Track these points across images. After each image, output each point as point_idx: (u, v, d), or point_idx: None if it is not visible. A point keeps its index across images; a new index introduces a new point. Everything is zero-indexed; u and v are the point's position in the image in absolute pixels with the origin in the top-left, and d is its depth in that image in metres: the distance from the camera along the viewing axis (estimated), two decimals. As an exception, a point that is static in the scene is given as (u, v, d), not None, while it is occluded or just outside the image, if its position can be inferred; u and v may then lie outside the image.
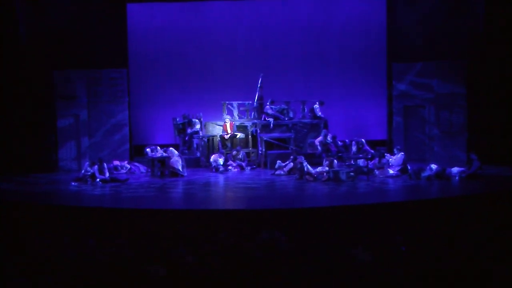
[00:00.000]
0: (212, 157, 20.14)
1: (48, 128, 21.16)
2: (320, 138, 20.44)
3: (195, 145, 21.67)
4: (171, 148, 19.16)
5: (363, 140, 19.85)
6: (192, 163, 20.85)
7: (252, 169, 20.38)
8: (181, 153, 20.16)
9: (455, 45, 20.90)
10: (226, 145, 21.12)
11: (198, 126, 21.60)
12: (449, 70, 20.89)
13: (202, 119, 21.84)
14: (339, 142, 20.50)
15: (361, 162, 17.94)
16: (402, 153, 18.00)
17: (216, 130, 21.72)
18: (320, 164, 18.03)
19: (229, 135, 21.04)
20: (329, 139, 20.34)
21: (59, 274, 8.29)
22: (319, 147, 20.26)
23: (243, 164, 20.35)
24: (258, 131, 21.25)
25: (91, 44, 21.41)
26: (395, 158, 17.87)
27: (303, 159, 17.68)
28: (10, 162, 19.85)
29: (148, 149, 19.49)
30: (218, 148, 21.11)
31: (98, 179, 17.45)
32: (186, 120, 21.75)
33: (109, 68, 21.63)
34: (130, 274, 8.07)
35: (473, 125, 20.70)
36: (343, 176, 16.69)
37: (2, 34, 20.04)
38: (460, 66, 20.83)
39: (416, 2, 21.76)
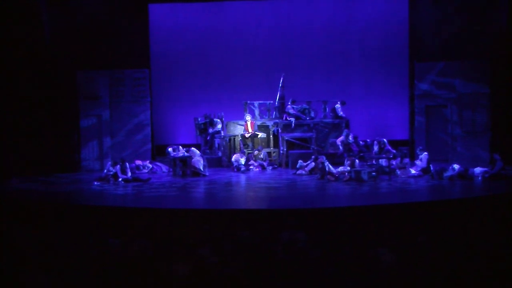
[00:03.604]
0: (234, 157, 20.19)
1: (71, 128, 21.33)
2: (341, 138, 20.41)
3: (216, 145, 21.72)
4: (193, 148, 19.21)
5: (385, 140, 19.75)
6: (213, 162, 20.90)
7: (273, 168, 20.38)
8: (203, 153, 20.21)
9: (478, 45, 20.75)
10: (248, 145, 21.14)
11: (219, 126, 21.65)
12: (472, 70, 20.73)
13: (223, 118, 21.89)
14: (361, 142, 20.48)
15: (383, 162, 17.88)
16: (426, 153, 17.88)
17: (237, 129, 21.75)
18: (342, 164, 17.98)
19: (249, 134, 21.05)
20: (350, 138, 20.31)
21: (83, 273, 8.36)
22: (340, 147, 20.24)
23: (265, 163, 20.35)
24: (280, 131, 21.25)
25: (114, 44, 21.58)
26: (421, 159, 17.75)
27: (324, 159, 17.64)
28: (34, 162, 20.01)
29: (170, 149, 19.55)
30: (240, 148, 21.13)
31: (120, 179, 17.55)
32: (207, 120, 21.82)
33: (131, 68, 21.74)
34: (153, 273, 8.12)
35: (497, 125, 20.54)
36: (364, 176, 16.62)
37: (27, 35, 20.22)
38: (483, 66, 20.66)
39: (439, 2, 21.63)
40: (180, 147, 19.61)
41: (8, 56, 19.81)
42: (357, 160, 17.76)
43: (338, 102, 21.67)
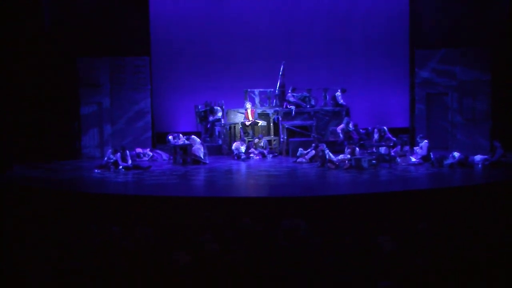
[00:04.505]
0: (234, 145, 20.20)
1: (71, 115, 21.33)
2: (342, 126, 20.42)
3: (217, 133, 21.73)
4: (193, 136, 19.21)
5: (385, 127, 19.76)
6: (214, 150, 20.92)
7: (273, 156, 20.40)
8: (203, 141, 20.21)
9: (479, 32, 20.73)
10: (248, 133, 21.15)
11: (220, 114, 21.65)
12: (473, 57, 20.72)
13: (224, 106, 21.88)
14: (361, 130, 20.49)
15: (383, 149, 17.90)
16: (426, 140, 17.89)
17: (238, 117, 21.74)
18: (342, 151, 17.99)
19: (250, 122, 21.05)
20: (351, 126, 20.32)
21: (83, 260, 8.38)
22: (341, 135, 20.25)
23: (265, 151, 20.37)
24: (280, 119, 21.25)
25: (114, 31, 21.53)
26: (421, 147, 17.76)
27: (325, 146, 17.66)
28: (35, 149, 20.02)
29: (170, 137, 19.56)
30: (240, 136, 21.14)
31: (120, 166, 17.56)
32: (208, 108, 21.82)
33: (132, 55, 21.70)
34: (154, 261, 8.14)
35: (497, 112, 20.54)
36: (365, 164, 16.64)
37: (27, 22, 20.18)
38: (484, 53, 20.65)
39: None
40: (181, 135, 19.62)
41: (7, 43, 19.78)
42: (357, 148, 17.77)
43: (339, 90, 21.66)
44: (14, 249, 9.20)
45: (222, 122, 21.60)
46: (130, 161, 17.91)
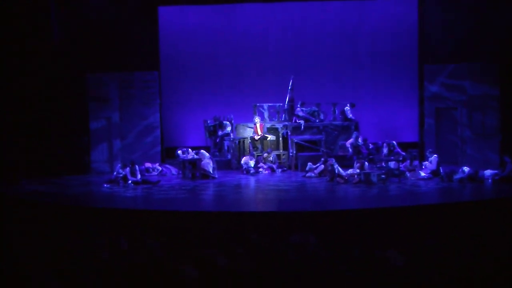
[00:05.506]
0: (243, 159, 20.19)
1: (81, 130, 21.37)
2: (351, 140, 20.38)
3: (226, 147, 21.73)
4: (202, 150, 19.22)
5: (394, 142, 19.73)
6: (223, 165, 20.90)
7: (283, 171, 20.36)
8: (212, 155, 20.24)
9: (488, 47, 20.68)
10: (257, 147, 21.14)
11: (229, 128, 21.66)
12: (482, 72, 20.65)
13: (233, 121, 21.90)
14: (370, 144, 20.42)
15: (392, 164, 17.86)
16: (436, 155, 17.84)
17: (247, 132, 21.75)
18: (351, 166, 17.96)
19: (259, 136, 21.04)
20: (360, 141, 20.28)
21: (92, 274, 8.39)
22: (350, 149, 20.21)
23: (274, 166, 20.34)
24: (289, 133, 21.24)
25: (123, 47, 21.60)
26: (430, 161, 17.70)
27: (334, 161, 17.63)
28: (44, 164, 20.08)
29: (179, 151, 19.59)
30: (249, 150, 21.13)
31: (130, 181, 17.56)
32: (217, 122, 21.84)
33: (141, 70, 21.76)
34: (162, 275, 8.13)
35: (507, 127, 20.46)
36: (374, 179, 16.59)
37: (37, 37, 20.30)
38: (493, 68, 20.60)
39: (448, 4, 21.57)
40: (190, 149, 19.64)
41: (17, 59, 19.89)
42: (366, 163, 17.71)
43: (348, 105, 21.64)
44: (23, 264, 9.22)
45: (231, 136, 21.61)
46: (139, 176, 17.91)
